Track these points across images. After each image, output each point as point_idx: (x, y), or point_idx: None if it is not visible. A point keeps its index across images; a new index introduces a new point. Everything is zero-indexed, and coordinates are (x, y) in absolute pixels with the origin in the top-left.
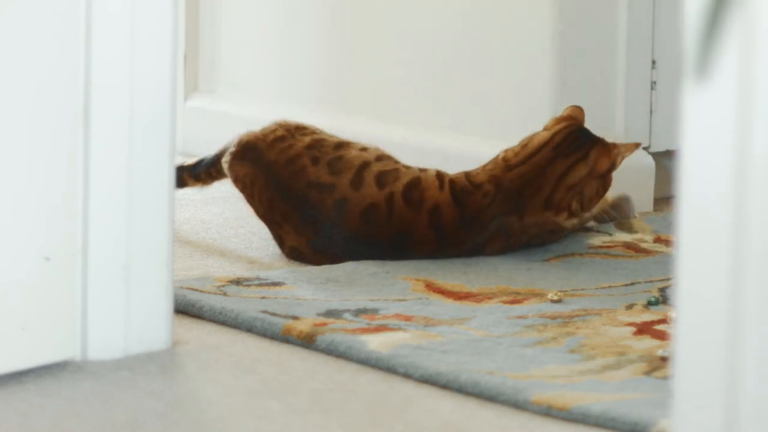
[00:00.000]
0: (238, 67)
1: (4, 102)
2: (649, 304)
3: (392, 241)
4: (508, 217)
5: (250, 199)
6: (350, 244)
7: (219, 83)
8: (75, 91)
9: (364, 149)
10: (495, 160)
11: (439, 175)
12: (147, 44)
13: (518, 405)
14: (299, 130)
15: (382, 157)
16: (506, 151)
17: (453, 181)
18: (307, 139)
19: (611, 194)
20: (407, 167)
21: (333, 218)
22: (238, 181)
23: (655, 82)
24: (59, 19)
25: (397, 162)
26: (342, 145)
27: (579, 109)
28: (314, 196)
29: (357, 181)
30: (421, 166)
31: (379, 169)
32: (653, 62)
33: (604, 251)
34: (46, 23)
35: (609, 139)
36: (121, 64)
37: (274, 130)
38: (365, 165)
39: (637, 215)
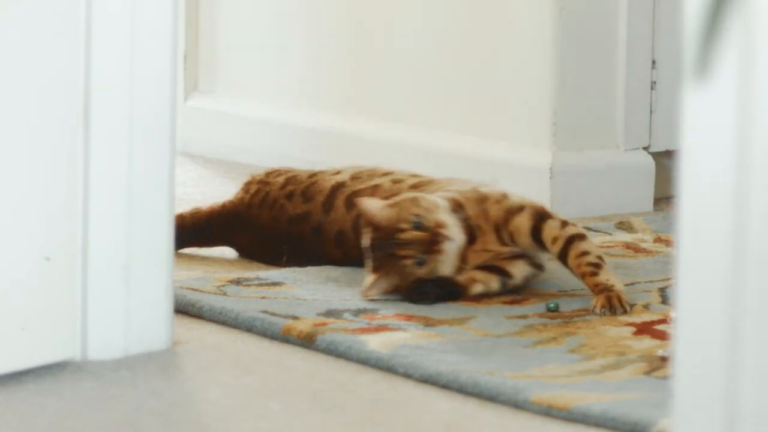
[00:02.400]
0: (237, 67)
1: (4, 102)
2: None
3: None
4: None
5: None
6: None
7: (219, 83)
8: (75, 91)
9: (338, 172)
10: (476, 193)
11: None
12: (147, 44)
13: (518, 405)
14: (271, 174)
15: (359, 176)
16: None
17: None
18: (281, 179)
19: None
20: (386, 177)
21: (313, 246)
22: (242, 251)
23: (655, 82)
24: (59, 19)
25: (381, 173)
26: (316, 174)
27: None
28: (295, 230)
29: (328, 204)
30: (414, 170)
31: (351, 189)
32: (653, 62)
33: (604, 251)
34: (46, 23)
35: (608, 139)
36: (121, 64)
37: (248, 189)
38: (338, 186)
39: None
